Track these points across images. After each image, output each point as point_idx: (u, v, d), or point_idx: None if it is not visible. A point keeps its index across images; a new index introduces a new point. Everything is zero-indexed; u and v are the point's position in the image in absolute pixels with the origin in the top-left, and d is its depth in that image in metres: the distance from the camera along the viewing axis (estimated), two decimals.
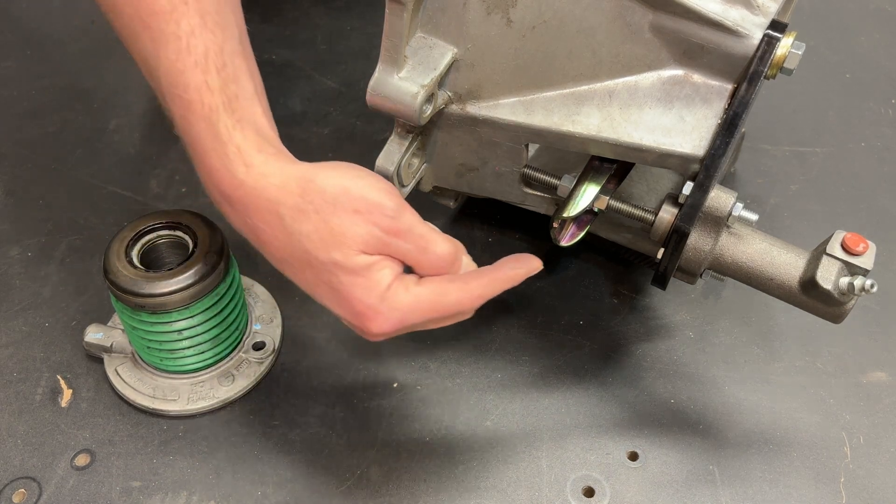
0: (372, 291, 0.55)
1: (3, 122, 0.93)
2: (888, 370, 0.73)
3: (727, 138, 0.58)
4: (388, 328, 0.56)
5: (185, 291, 0.64)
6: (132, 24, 0.58)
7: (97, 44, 1.03)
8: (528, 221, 0.82)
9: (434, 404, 0.71)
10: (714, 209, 0.61)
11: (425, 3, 0.59)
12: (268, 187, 0.55)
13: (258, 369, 0.72)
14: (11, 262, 0.80)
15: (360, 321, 0.56)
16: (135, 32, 0.58)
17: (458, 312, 0.58)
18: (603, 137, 0.61)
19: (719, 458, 0.68)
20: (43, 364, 0.73)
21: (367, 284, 0.55)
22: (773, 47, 0.58)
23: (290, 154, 0.58)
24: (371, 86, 0.60)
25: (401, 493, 0.66)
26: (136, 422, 0.69)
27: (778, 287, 0.62)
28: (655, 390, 0.72)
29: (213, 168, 0.57)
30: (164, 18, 0.57)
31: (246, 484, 0.66)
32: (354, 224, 0.54)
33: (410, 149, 0.65)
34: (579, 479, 0.67)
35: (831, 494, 0.66)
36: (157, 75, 0.58)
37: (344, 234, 0.54)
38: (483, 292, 0.58)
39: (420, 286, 0.56)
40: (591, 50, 0.60)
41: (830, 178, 0.89)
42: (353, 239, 0.54)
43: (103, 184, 0.87)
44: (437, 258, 0.56)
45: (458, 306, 0.57)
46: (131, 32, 0.59)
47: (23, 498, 0.65)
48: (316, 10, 1.08)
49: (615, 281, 0.80)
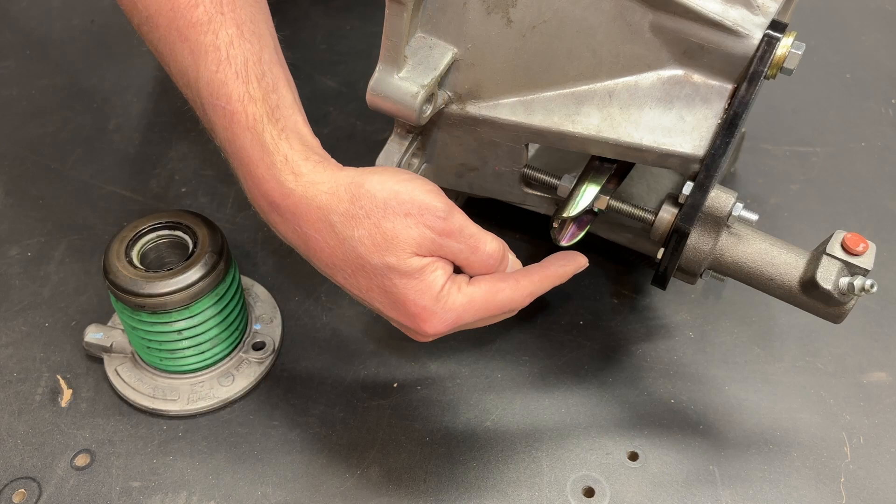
0: (426, 293, 0.56)
1: (3, 122, 0.93)
2: (888, 370, 0.73)
3: (727, 138, 0.58)
4: (443, 328, 0.57)
5: (186, 291, 0.64)
6: (168, 35, 0.58)
7: (97, 44, 1.03)
8: (528, 221, 0.82)
9: (434, 404, 0.71)
10: (714, 209, 0.61)
11: (425, 3, 0.59)
12: (318, 195, 0.55)
13: (258, 369, 0.72)
14: (11, 262, 0.80)
15: (415, 323, 0.57)
16: (171, 44, 0.58)
17: (509, 310, 0.60)
18: (603, 137, 0.61)
19: (719, 458, 0.68)
20: (43, 364, 0.73)
21: (421, 287, 0.56)
22: (773, 47, 0.58)
23: (335, 161, 0.59)
24: (371, 86, 0.60)
25: (401, 493, 0.66)
26: (136, 422, 0.69)
27: (778, 287, 0.62)
28: (655, 390, 0.72)
29: (261, 178, 0.57)
30: (202, 29, 0.57)
31: (246, 484, 0.66)
32: (407, 227, 0.55)
33: (410, 149, 0.65)
34: (579, 479, 0.67)
35: (831, 494, 0.66)
36: (196, 87, 0.58)
37: (397, 237, 0.55)
38: (534, 290, 0.60)
39: (472, 286, 0.57)
40: (591, 50, 0.60)
41: (830, 178, 0.89)
42: (406, 242, 0.55)
43: (103, 184, 0.87)
44: (487, 257, 0.58)
45: (510, 304, 0.59)
46: (167, 45, 0.59)
47: (23, 498, 0.65)
48: (316, 10, 1.08)
49: (615, 281, 0.80)
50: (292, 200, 0.56)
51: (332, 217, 0.55)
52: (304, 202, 0.56)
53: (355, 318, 0.77)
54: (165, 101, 0.96)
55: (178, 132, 0.92)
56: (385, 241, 0.55)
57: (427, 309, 0.56)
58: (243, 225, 0.84)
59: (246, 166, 0.57)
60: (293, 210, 0.56)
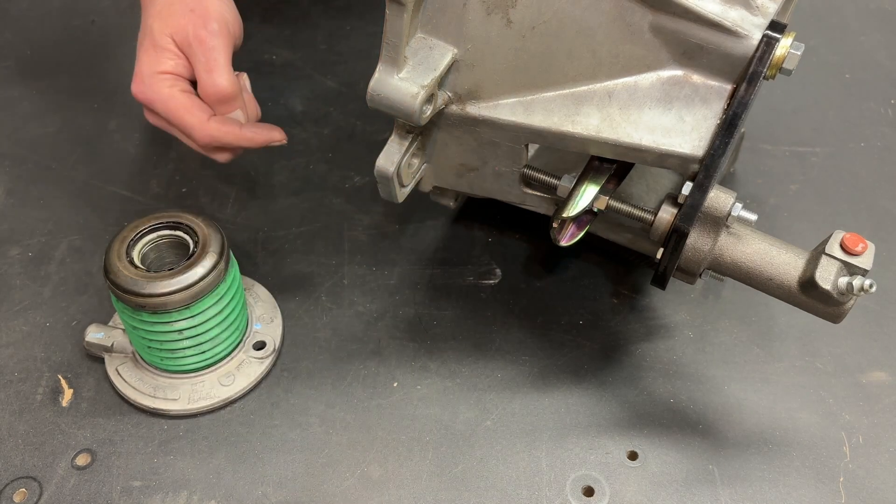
0: (151, 66, 0.68)
1: (4, 123, 0.93)
2: (888, 370, 0.74)
3: (726, 138, 0.58)
4: (140, 97, 0.69)
5: (186, 291, 0.64)
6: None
7: (97, 44, 1.03)
8: (528, 221, 0.82)
9: (434, 404, 0.71)
10: (713, 209, 0.61)
11: (425, 4, 0.59)
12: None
13: (258, 369, 0.72)
14: (12, 262, 0.80)
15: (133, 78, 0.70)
16: None
17: (188, 134, 0.69)
18: (602, 138, 0.61)
19: (719, 458, 0.68)
20: (44, 364, 0.73)
21: (151, 60, 0.69)
22: (772, 48, 0.58)
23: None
24: (371, 86, 0.60)
25: (401, 493, 0.66)
26: (137, 421, 0.69)
27: (777, 287, 0.62)
28: (655, 390, 0.72)
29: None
30: None
31: (246, 483, 0.66)
32: (180, 14, 0.68)
33: (410, 149, 0.66)
34: (579, 478, 0.67)
35: (831, 494, 0.66)
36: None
37: (170, 16, 0.69)
38: (217, 135, 0.69)
39: (181, 93, 0.68)
40: (591, 50, 0.60)
41: (830, 178, 0.89)
42: (172, 23, 0.68)
43: (103, 184, 0.87)
44: (213, 85, 0.68)
45: (190, 129, 0.68)
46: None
47: (23, 497, 0.65)
48: (316, 10, 1.08)
49: (615, 281, 0.80)
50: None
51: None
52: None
53: (355, 318, 0.77)
54: None
55: None
56: (163, 13, 0.69)
57: (141, 74, 0.69)
58: (244, 225, 0.84)
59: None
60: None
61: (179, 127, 0.69)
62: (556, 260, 0.82)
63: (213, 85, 0.68)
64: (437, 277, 0.80)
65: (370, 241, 0.83)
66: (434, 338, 0.75)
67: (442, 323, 0.76)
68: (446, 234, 0.84)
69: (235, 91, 0.69)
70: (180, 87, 0.69)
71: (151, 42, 0.69)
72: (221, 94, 0.68)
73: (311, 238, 0.83)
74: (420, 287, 0.79)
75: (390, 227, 0.84)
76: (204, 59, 0.68)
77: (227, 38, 0.69)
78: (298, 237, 0.83)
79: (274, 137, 0.72)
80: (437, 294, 0.79)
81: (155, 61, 0.68)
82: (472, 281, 0.80)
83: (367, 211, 0.85)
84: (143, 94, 0.69)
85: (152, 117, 0.72)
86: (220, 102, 0.69)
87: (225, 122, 0.69)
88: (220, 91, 0.68)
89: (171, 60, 0.69)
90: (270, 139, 0.72)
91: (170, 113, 0.69)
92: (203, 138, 0.69)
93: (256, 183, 0.88)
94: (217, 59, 0.68)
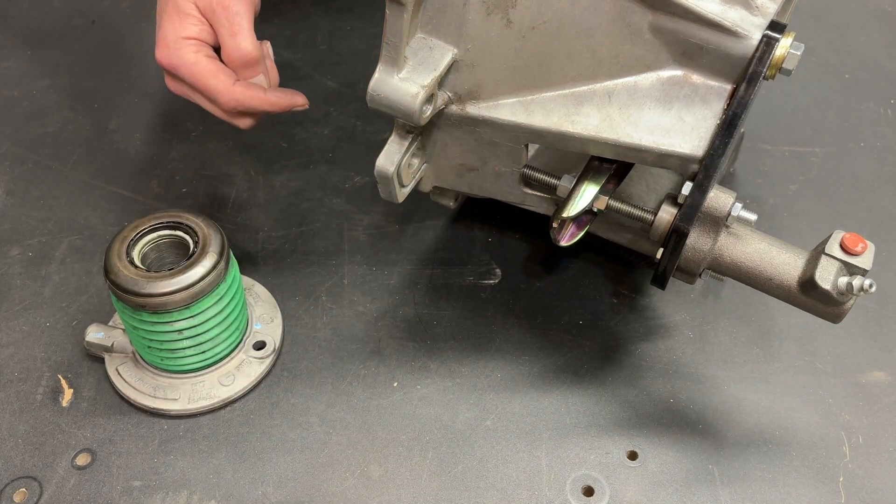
0: (175, 31, 0.68)
1: (4, 123, 0.93)
2: (887, 370, 0.74)
3: (726, 138, 0.59)
4: (165, 63, 0.69)
5: (186, 291, 0.64)
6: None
7: (97, 44, 1.03)
8: (528, 221, 0.82)
9: (434, 404, 0.71)
10: (713, 209, 0.61)
11: (425, 4, 0.59)
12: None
13: (258, 369, 0.72)
14: (12, 261, 0.80)
15: (157, 44, 0.70)
16: None
17: (213, 98, 0.69)
18: (602, 138, 0.61)
19: (718, 458, 0.68)
20: (44, 364, 0.73)
21: (175, 26, 0.68)
22: (771, 48, 0.58)
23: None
24: (371, 86, 0.60)
25: (401, 493, 0.66)
26: (137, 421, 0.69)
27: (777, 287, 0.63)
28: (655, 390, 0.72)
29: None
30: None
31: (246, 483, 0.66)
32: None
33: (410, 149, 0.66)
34: (579, 478, 0.67)
35: (830, 494, 0.66)
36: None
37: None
38: (242, 99, 0.69)
39: (206, 59, 0.69)
40: (591, 50, 0.60)
41: (830, 178, 0.89)
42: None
43: (104, 184, 0.87)
44: (238, 48, 0.68)
45: (216, 93, 0.69)
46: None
47: (24, 497, 0.65)
48: (316, 10, 1.08)
49: (615, 281, 0.80)
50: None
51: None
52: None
53: (355, 318, 0.77)
54: (166, 102, 0.96)
55: (178, 132, 0.92)
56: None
57: (165, 40, 0.69)
58: (244, 225, 0.84)
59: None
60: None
61: (205, 91, 0.69)
62: (556, 260, 0.82)
63: (238, 49, 0.68)
64: (437, 277, 0.80)
65: (370, 241, 0.83)
66: (434, 338, 0.75)
67: (442, 323, 0.76)
68: (446, 234, 0.84)
69: (259, 55, 0.69)
70: (205, 52, 0.69)
71: (175, 8, 0.69)
72: (246, 58, 0.69)
73: (311, 238, 0.83)
74: (420, 287, 0.79)
75: (390, 227, 0.84)
76: (228, 24, 0.68)
77: (249, 2, 0.69)
78: (298, 237, 0.83)
79: (297, 101, 0.72)
80: (437, 294, 0.79)
81: (179, 27, 0.68)
82: (472, 281, 0.80)
83: (367, 211, 0.85)
84: (168, 60, 0.69)
85: (174, 84, 0.72)
86: (245, 67, 0.69)
87: (249, 87, 0.69)
88: (244, 55, 0.69)
89: (194, 26, 0.69)
90: (293, 103, 0.72)
91: (195, 78, 0.69)
92: (229, 102, 0.69)
93: (256, 183, 0.88)
94: (241, 23, 0.68)
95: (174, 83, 0.72)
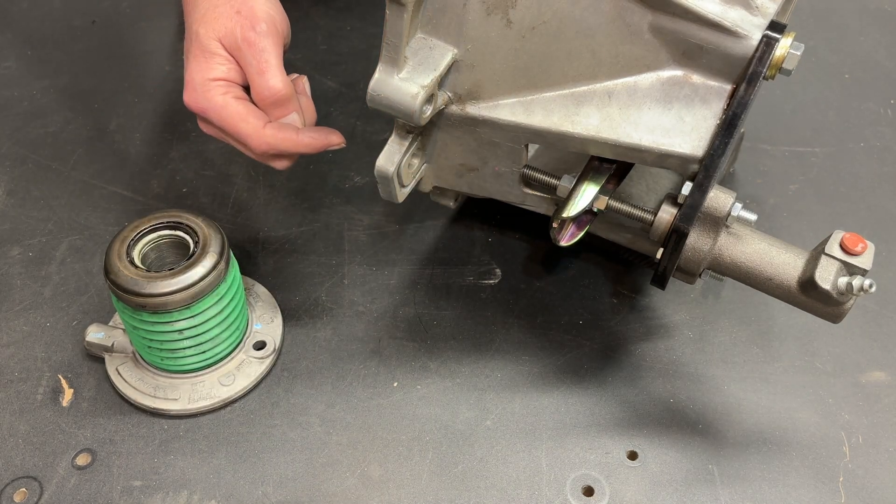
0: (201, 73, 0.66)
1: (5, 123, 0.93)
2: (887, 370, 0.74)
3: (726, 139, 0.59)
4: (193, 107, 0.67)
5: (186, 291, 0.64)
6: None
7: (97, 44, 1.03)
8: (528, 221, 0.82)
9: (434, 404, 0.71)
10: (713, 209, 0.61)
11: (425, 4, 0.59)
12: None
13: (259, 369, 0.72)
14: (12, 262, 0.80)
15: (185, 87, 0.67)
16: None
17: (243, 143, 0.67)
18: (602, 138, 0.61)
19: (718, 458, 0.68)
20: (44, 364, 0.73)
21: (202, 67, 0.66)
22: (771, 48, 0.58)
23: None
24: (371, 86, 0.60)
25: (401, 493, 0.66)
26: (137, 421, 0.70)
27: (777, 287, 0.63)
28: (655, 390, 0.72)
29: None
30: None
31: (246, 483, 0.66)
32: (226, 17, 0.66)
33: (410, 149, 0.66)
34: (579, 478, 0.67)
35: (830, 493, 0.66)
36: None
37: (216, 19, 0.66)
38: (274, 143, 0.66)
39: (235, 100, 0.66)
40: (591, 51, 0.60)
41: (829, 178, 0.89)
42: (217, 26, 0.66)
43: (104, 184, 0.87)
44: (267, 87, 0.65)
45: (246, 138, 0.66)
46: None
47: (24, 497, 0.65)
48: (316, 10, 1.08)
49: (615, 281, 0.80)
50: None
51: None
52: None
53: (355, 317, 0.77)
54: (166, 102, 0.96)
55: (178, 132, 0.93)
56: (208, 16, 0.66)
57: (192, 83, 0.66)
58: (244, 225, 0.84)
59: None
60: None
61: (234, 136, 0.67)
62: (556, 260, 0.82)
63: (267, 87, 0.65)
64: (437, 277, 0.80)
65: (370, 241, 0.83)
66: (434, 338, 0.75)
67: (442, 323, 0.77)
68: (446, 234, 0.84)
69: (289, 93, 0.66)
70: (234, 93, 0.66)
71: (199, 48, 0.66)
72: (275, 97, 0.66)
73: (311, 238, 0.83)
74: (420, 287, 0.79)
75: (390, 227, 0.84)
76: (255, 62, 0.65)
77: (277, 37, 0.66)
78: (298, 237, 0.83)
79: (332, 141, 0.69)
80: (437, 294, 0.79)
81: (206, 68, 0.66)
82: (472, 281, 0.80)
83: (367, 211, 0.85)
84: (197, 104, 0.66)
85: (206, 127, 0.69)
86: (275, 105, 0.66)
87: (281, 129, 0.66)
88: (273, 93, 0.65)
89: (221, 66, 0.66)
90: (329, 143, 0.68)
91: (224, 122, 0.66)
92: (259, 146, 0.66)
93: (256, 183, 0.88)
94: (268, 60, 0.65)
95: (206, 126, 0.69)
